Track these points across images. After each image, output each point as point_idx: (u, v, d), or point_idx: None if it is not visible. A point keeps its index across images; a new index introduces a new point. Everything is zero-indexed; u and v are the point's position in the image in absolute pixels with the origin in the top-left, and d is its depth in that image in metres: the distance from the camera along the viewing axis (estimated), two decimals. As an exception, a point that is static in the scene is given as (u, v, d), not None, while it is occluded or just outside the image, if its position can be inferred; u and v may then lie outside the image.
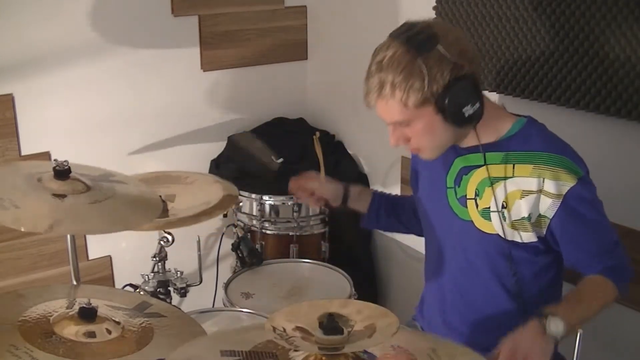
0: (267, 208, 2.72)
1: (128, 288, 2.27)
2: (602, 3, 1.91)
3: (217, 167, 2.93)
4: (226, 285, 2.32)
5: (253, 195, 2.70)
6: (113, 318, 1.46)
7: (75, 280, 1.86)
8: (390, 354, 1.21)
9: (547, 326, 1.44)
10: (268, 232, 2.74)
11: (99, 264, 2.81)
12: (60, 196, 1.61)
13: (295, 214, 2.69)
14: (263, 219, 2.72)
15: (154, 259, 2.26)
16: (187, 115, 2.89)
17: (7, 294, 1.59)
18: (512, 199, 1.59)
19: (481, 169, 1.62)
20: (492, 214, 1.61)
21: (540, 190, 1.56)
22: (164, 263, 2.27)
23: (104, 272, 2.83)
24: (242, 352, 1.18)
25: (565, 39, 2.02)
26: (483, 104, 1.55)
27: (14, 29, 2.46)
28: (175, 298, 2.31)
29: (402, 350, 1.21)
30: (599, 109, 1.98)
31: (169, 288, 2.27)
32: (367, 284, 2.91)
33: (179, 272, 2.29)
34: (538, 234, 1.61)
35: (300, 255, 2.67)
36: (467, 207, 1.66)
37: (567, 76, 2.04)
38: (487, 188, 1.61)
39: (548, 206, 1.56)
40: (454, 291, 1.76)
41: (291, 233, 2.71)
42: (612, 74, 1.93)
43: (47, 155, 2.59)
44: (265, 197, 2.70)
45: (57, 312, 1.45)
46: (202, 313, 2.16)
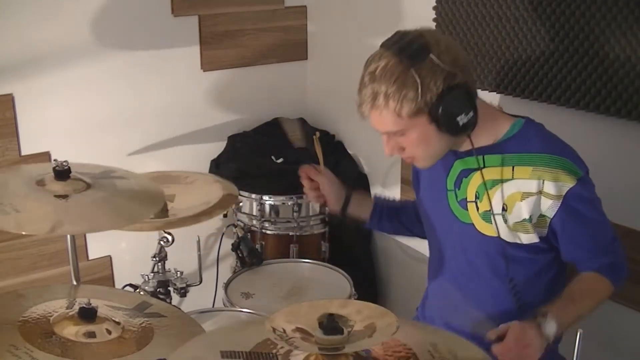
0: (267, 208, 2.72)
1: (128, 288, 2.27)
2: (602, 3, 1.91)
3: (217, 167, 2.93)
4: (226, 285, 2.32)
5: (253, 195, 2.70)
6: (113, 318, 1.46)
7: (75, 280, 1.86)
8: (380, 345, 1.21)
9: (542, 326, 1.46)
10: (268, 232, 2.73)
11: (99, 264, 2.81)
12: (63, 197, 1.62)
13: (295, 214, 2.69)
14: (263, 219, 2.72)
15: (154, 259, 2.26)
16: (187, 115, 2.89)
17: (7, 294, 1.59)
18: (513, 201, 1.59)
19: (482, 171, 1.62)
20: (492, 216, 1.61)
21: (540, 192, 1.56)
22: (164, 263, 2.28)
23: (104, 272, 2.83)
24: (242, 352, 1.18)
25: (565, 39, 2.02)
26: (477, 111, 1.55)
27: (14, 29, 2.46)
28: (175, 298, 2.31)
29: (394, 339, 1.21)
30: (599, 109, 1.98)
31: (169, 288, 2.27)
32: (367, 284, 2.91)
33: (179, 272, 2.29)
34: (540, 234, 1.61)
35: (300, 255, 2.66)
36: (467, 210, 1.66)
37: (567, 76, 2.04)
38: (488, 190, 1.61)
39: (548, 206, 1.56)
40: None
41: (291, 233, 2.71)
42: (612, 74, 1.93)
43: (47, 155, 2.59)
44: (265, 197, 2.70)
45: (57, 312, 1.45)
46: (202, 313, 2.16)
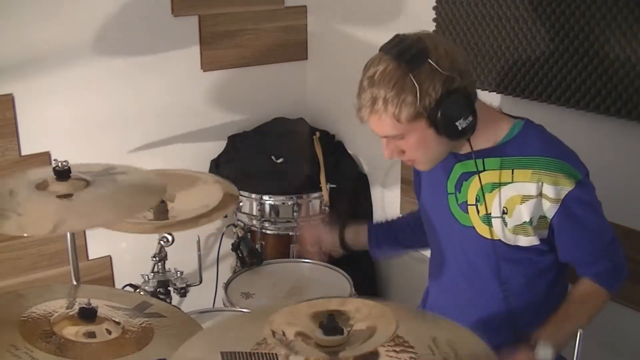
0: (267, 208, 2.72)
1: (128, 288, 2.27)
2: (602, 3, 1.91)
3: (217, 167, 2.93)
4: (226, 285, 2.32)
5: (253, 195, 2.70)
6: (113, 318, 1.46)
7: (75, 280, 1.86)
8: None
9: (536, 352, 1.49)
10: (268, 232, 2.74)
11: (99, 264, 2.81)
12: (65, 196, 1.62)
13: (295, 214, 2.69)
14: (263, 219, 2.72)
15: (154, 259, 2.26)
16: (187, 115, 2.89)
17: (7, 294, 1.59)
18: (513, 204, 1.58)
19: (481, 174, 1.62)
20: (493, 220, 1.61)
21: (540, 194, 1.56)
22: (164, 263, 2.27)
23: (104, 272, 2.83)
24: (242, 353, 1.17)
25: (565, 39, 2.02)
26: (476, 115, 1.54)
27: (14, 29, 2.46)
28: (175, 298, 2.31)
29: None
30: (599, 109, 1.98)
31: (169, 288, 2.27)
32: (367, 284, 2.91)
33: (179, 272, 2.29)
34: (540, 236, 1.61)
35: (300, 255, 2.66)
36: (468, 213, 1.66)
37: (567, 76, 2.04)
38: (488, 194, 1.61)
39: (548, 208, 1.56)
40: (454, 291, 1.77)
41: (291, 233, 2.71)
42: (612, 74, 1.93)
43: (47, 155, 2.60)
44: (265, 197, 2.70)
45: (57, 312, 1.45)
46: (202, 313, 2.16)
